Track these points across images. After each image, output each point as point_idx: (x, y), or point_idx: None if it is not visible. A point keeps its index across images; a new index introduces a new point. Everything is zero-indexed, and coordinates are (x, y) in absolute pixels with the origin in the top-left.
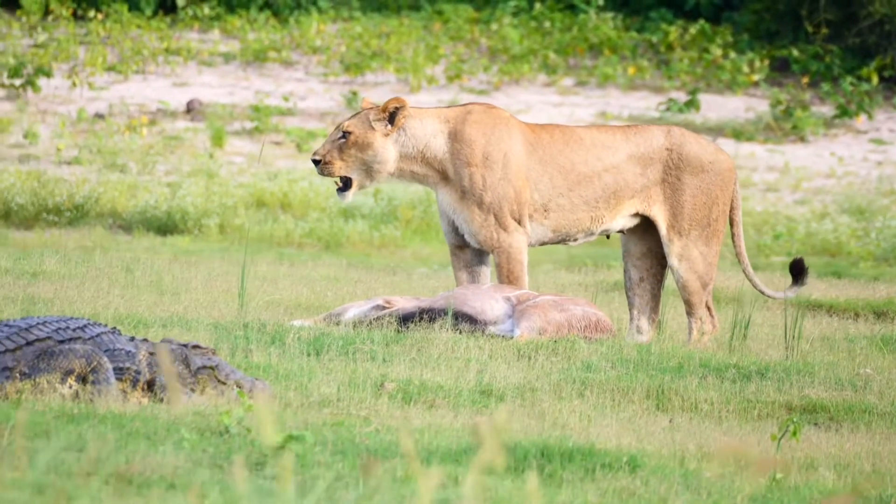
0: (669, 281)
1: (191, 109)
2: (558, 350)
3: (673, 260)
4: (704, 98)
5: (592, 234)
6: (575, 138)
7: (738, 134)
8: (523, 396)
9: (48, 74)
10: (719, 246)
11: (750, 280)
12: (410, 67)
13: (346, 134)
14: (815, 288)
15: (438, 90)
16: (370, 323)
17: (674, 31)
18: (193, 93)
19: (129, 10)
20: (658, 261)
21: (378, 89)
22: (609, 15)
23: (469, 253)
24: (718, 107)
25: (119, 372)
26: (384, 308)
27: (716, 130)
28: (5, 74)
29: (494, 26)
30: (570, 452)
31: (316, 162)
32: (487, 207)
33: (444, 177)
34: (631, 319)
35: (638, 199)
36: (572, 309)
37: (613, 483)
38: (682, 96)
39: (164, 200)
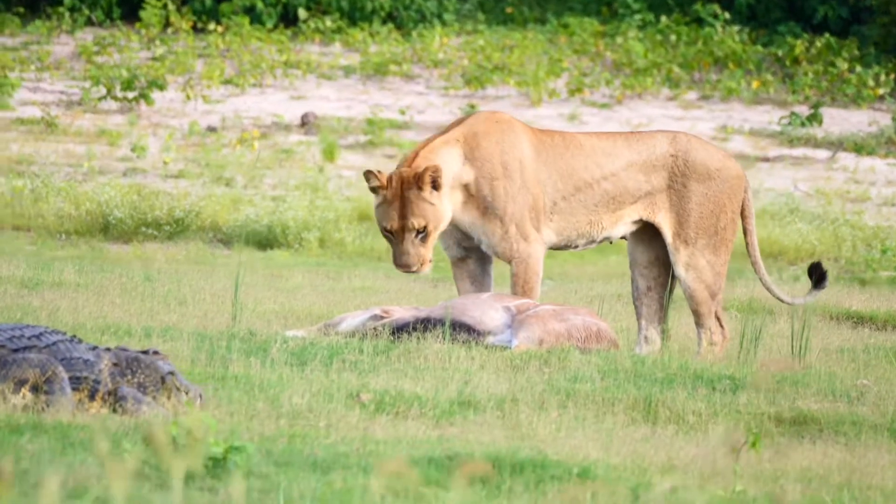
0: (678, 291)
1: (305, 123)
2: (550, 361)
3: (680, 269)
4: (827, 112)
5: (594, 240)
6: (575, 144)
7: (860, 148)
8: (502, 408)
9: (162, 87)
10: (728, 255)
11: (768, 288)
12: (531, 81)
13: (420, 230)
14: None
15: (560, 104)
16: (366, 333)
17: (800, 45)
18: (310, 106)
19: (251, 22)
20: (665, 269)
21: (498, 102)
22: (735, 28)
23: (472, 264)
24: (841, 120)
25: (76, 381)
26: (381, 318)
27: (836, 144)
28: (118, 87)
29: (619, 40)
30: (521, 464)
31: (410, 271)
32: (510, 218)
33: (468, 195)
34: (639, 329)
35: (641, 205)
36: (572, 319)
37: (560, 495)
38: (805, 110)
39: (265, 214)
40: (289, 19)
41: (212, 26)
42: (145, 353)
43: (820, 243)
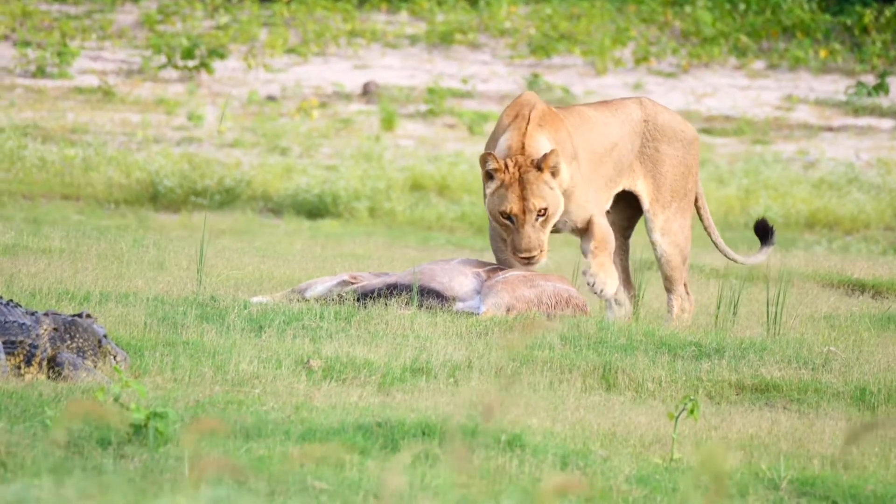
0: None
1: (367, 92)
2: (514, 327)
3: (656, 235)
4: (894, 82)
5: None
6: (586, 118)
7: None
8: (455, 375)
9: (222, 56)
10: (690, 218)
11: (722, 251)
12: (597, 50)
13: (541, 212)
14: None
15: (625, 72)
16: (333, 299)
17: (868, 14)
18: (373, 75)
19: None
20: (621, 233)
21: (563, 72)
22: None
23: None
24: None
25: (10, 346)
26: (349, 283)
27: None
28: (178, 56)
29: (688, 9)
30: (452, 431)
31: (531, 259)
32: (586, 192)
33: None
34: None
35: (627, 174)
36: (543, 285)
37: (488, 462)
38: (872, 80)
39: (317, 184)
40: None
41: None
42: (79, 316)
43: (876, 213)
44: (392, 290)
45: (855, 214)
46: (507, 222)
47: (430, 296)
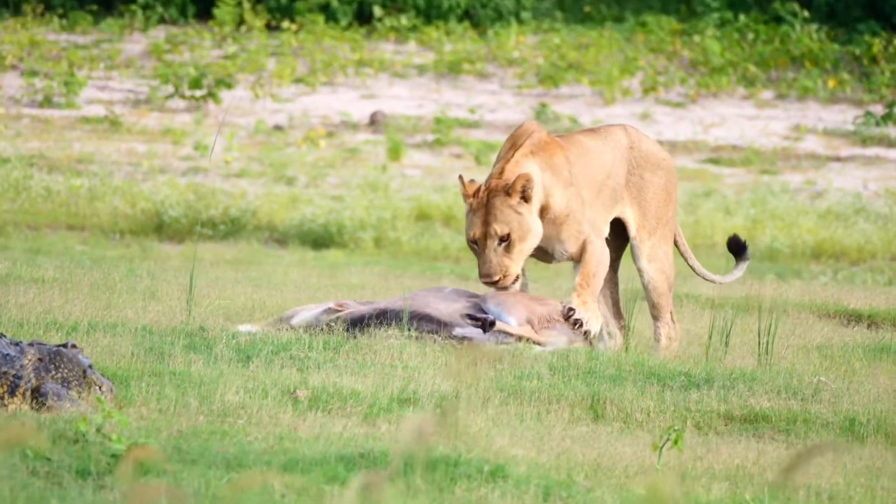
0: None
1: (374, 121)
2: (505, 357)
3: (642, 262)
4: None
5: None
6: (586, 148)
7: None
8: (442, 405)
9: (230, 86)
10: (672, 245)
11: (699, 274)
12: (605, 80)
13: (504, 237)
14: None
15: (633, 102)
16: (321, 327)
17: (877, 44)
18: (381, 105)
19: (326, 20)
20: (610, 265)
21: (571, 102)
22: (814, 27)
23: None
24: None
25: None
26: (335, 311)
27: None
28: (186, 85)
29: (697, 38)
30: (434, 462)
31: (494, 282)
32: (584, 219)
33: (547, 207)
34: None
35: (618, 201)
36: (551, 303)
37: (469, 493)
38: (880, 110)
39: (322, 214)
40: (364, 17)
41: (286, 24)
42: (64, 346)
43: (883, 244)
44: (382, 317)
45: (861, 245)
46: (475, 247)
47: (426, 322)
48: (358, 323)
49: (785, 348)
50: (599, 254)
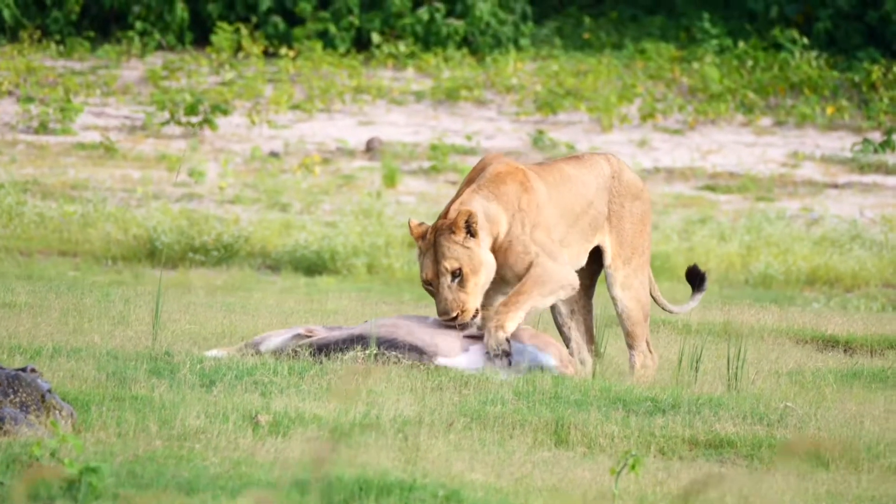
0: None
1: (370, 148)
2: (470, 382)
3: (616, 290)
4: None
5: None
6: (566, 176)
7: None
8: (405, 430)
9: (226, 112)
10: (647, 276)
11: (659, 303)
12: (603, 106)
13: (455, 273)
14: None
15: (630, 129)
16: (288, 353)
17: (876, 71)
18: (378, 131)
19: (324, 47)
20: (584, 291)
21: (569, 129)
22: (813, 54)
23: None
24: None
25: None
26: (305, 337)
27: None
28: (182, 112)
29: (696, 65)
30: (389, 487)
31: (453, 319)
32: (534, 245)
33: (497, 237)
34: (570, 354)
35: (599, 230)
36: (540, 334)
37: None
38: (879, 137)
39: (315, 240)
40: (362, 44)
41: (283, 51)
42: (23, 370)
43: (878, 271)
44: (356, 343)
45: (856, 272)
46: (430, 288)
47: (411, 351)
48: (324, 349)
49: (756, 374)
50: (542, 275)
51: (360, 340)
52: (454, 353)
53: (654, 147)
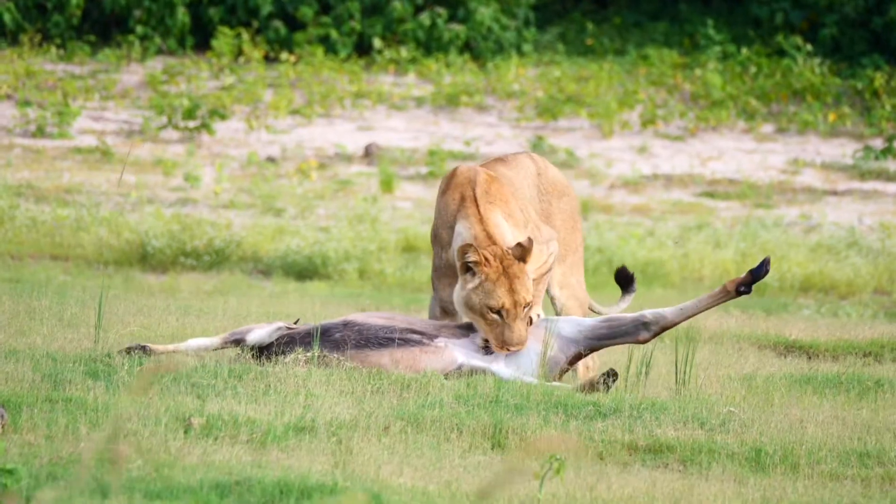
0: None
1: (368, 154)
2: (411, 385)
3: (555, 289)
4: None
5: None
6: (509, 179)
7: None
8: (338, 434)
9: (223, 117)
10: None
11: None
12: (603, 112)
13: (527, 304)
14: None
15: (631, 135)
16: (272, 344)
17: (879, 78)
18: (377, 137)
19: (325, 52)
20: None
21: (569, 135)
22: (816, 61)
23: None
24: None
25: None
26: (288, 330)
27: None
28: (179, 116)
29: (698, 71)
30: (310, 490)
31: (513, 350)
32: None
33: None
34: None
35: (529, 229)
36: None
37: None
38: (880, 144)
39: (307, 245)
40: (363, 49)
41: (284, 56)
42: None
43: (873, 278)
44: (345, 328)
45: (851, 279)
46: (496, 316)
47: (411, 334)
48: (297, 340)
49: (706, 378)
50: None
51: (347, 325)
52: (457, 337)
53: (654, 153)
